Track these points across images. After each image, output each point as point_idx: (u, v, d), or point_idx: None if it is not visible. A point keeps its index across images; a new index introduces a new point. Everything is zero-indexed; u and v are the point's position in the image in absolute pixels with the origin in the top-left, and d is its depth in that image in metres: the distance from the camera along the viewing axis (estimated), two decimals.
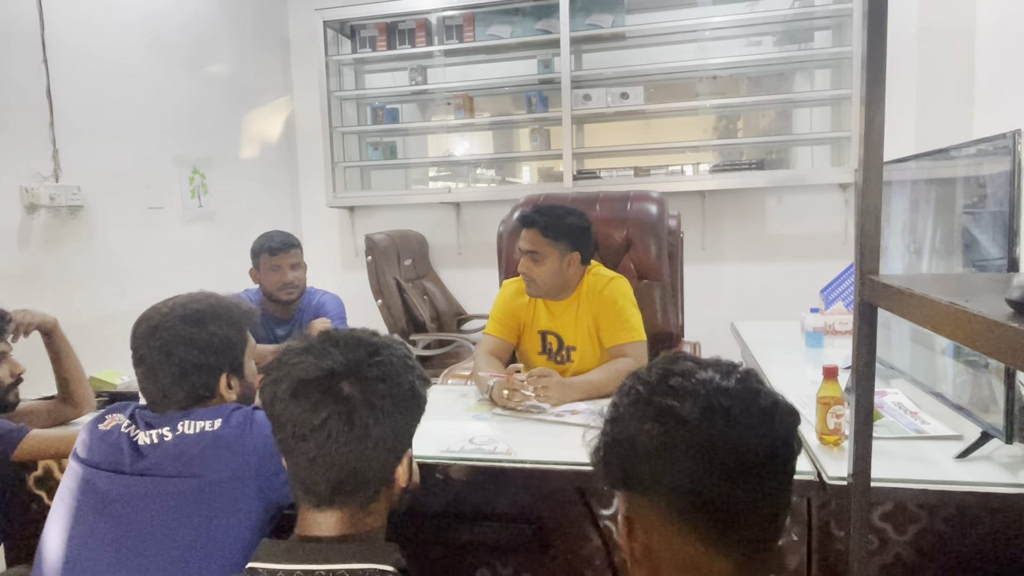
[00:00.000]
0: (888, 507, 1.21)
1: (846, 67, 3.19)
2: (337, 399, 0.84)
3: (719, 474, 0.67)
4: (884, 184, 1.08)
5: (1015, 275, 0.91)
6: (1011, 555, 1.19)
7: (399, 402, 0.89)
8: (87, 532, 1.08)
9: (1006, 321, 0.58)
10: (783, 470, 0.71)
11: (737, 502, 0.68)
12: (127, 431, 1.14)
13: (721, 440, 0.67)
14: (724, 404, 0.69)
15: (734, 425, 0.68)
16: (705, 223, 3.57)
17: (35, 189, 2.45)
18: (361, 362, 0.88)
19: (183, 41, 3.24)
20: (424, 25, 3.65)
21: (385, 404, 0.86)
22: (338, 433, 0.84)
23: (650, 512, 0.71)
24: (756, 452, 0.68)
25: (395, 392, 0.88)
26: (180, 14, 3.22)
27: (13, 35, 2.42)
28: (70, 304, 2.59)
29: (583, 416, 1.62)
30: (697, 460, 0.67)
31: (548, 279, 1.88)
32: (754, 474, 0.68)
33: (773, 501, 0.70)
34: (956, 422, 1.39)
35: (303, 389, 0.85)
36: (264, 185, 3.86)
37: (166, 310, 1.21)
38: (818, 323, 2.26)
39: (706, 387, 0.70)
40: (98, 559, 1.06)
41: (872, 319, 0.96)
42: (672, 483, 0.69)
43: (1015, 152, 1.08)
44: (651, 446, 0.69)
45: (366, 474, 0.87)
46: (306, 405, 0.84)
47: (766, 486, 0.69)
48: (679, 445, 0.68)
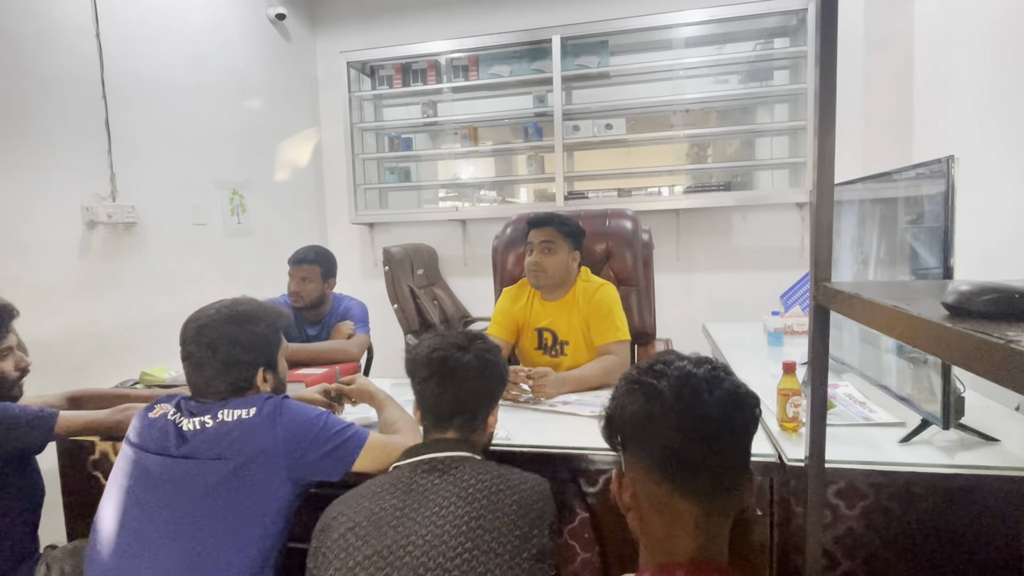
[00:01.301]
0: (840, 485, 1.21)
1: (801, 102, 3.20)
2: (470, 353, 1.16)
3: (686, 436, 0.74)
4: (835, 203, 1.08)
5: (950, 282, 0.91)
6: (948, 527, 1.18)
7: (498, 374, 1.19)
8: (137, 508, 1.08)
9: (942, 322, 0.58)
10: (739, 436, 0.78)
11: (699, 459, 0.74)
12: (173, 419, 1.14)
13: (688, 411, 0.75)
14: (693, 384, 0.77)
15: (700, 400, 0.76)
16: (679, 237, 3.57)
17: (95, 208, 2.45)
18: (482, 344, 1.19)
19: (225, 79, 3.25)
20: (435, 65, 3.67)
21: (493, 369, 1.18)
22: (468, 369, 1.14)
23: (636, 466, 0.79)
24: (716, 421, 0.75)
25: (499, 366, 1.20)
26: (222, 56, 3.24)
27: (77, 75, 2.43)
28: (125, 309, 2.59)
29: (574, 406, 1.62)
30: (669, 425, 0.75)
31: (557, 270, 1.91)
32: (713, 438, 0.75)
33: (728, 459, 0.76)
34: (899, 411, 1.39)
35: (448, 345, 1.16)
36: (295, 205, 3.86)
37: (212, 312, 1.22)
38: (778, 324, 2.27)
39: (681, 371, 0.78)
40: (147, 532, 1.06)
41: (825, 321, 0.96)
42: (651, 442, 0.77)
43: (948, 175, 1.09)
44: (636, 414, 0.78)
45: (476, 406, 1.15)
46: (449, 352, 1.15)
47: (723, 448, 0.76)
48: (656, 413, 0.76)
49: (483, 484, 1.02)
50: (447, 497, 1.00)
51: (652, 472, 0.76)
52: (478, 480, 1.03)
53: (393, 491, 1.03)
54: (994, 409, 1.44)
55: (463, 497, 1.00)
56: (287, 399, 1.18)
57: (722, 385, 0.77)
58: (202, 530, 1.05)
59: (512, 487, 1.03)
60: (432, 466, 1.07)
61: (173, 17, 2.91)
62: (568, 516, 1.38)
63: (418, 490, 1.02)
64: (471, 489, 1.01)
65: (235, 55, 3.33)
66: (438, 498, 1.00)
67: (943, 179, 1.10)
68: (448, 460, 1.08)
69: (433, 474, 1.05)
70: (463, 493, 1.00)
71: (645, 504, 0.77)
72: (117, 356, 2.49)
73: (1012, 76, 1.87)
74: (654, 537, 0.77)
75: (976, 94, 2.13)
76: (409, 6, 3.84)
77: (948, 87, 2.36)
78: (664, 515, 0.75)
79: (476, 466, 1.07)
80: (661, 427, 0.75)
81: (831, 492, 1.21)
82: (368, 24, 3.97)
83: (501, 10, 3.72)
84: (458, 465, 1.06)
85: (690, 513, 0.74)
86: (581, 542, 1.37)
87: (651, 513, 0.77)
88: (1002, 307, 0.59)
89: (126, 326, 2.59)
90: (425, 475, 1.05)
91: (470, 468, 1.05)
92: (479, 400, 1.16)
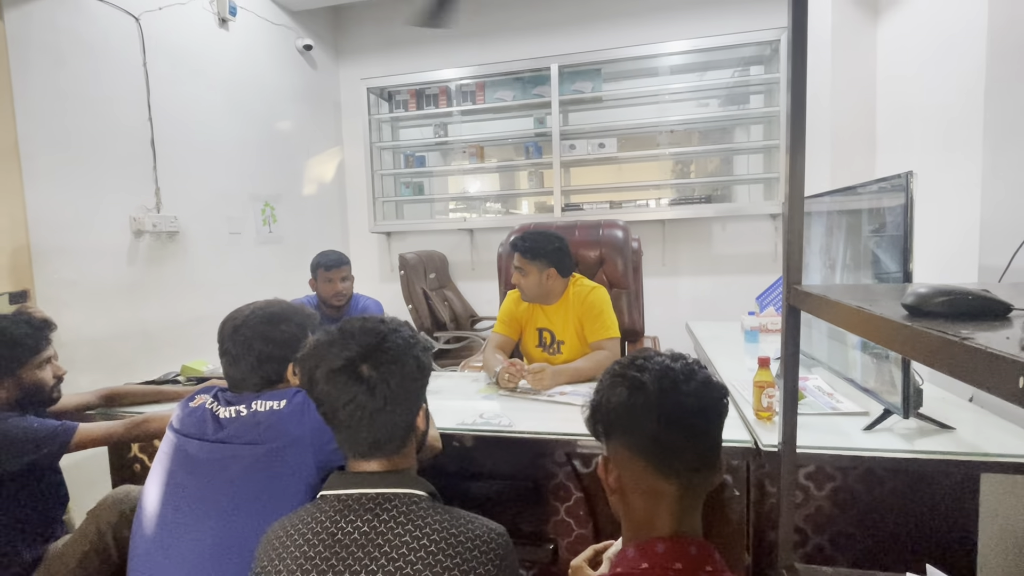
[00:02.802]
0: (810, 469, 1.20)
1: (774, 123, 3.20)
2: (359, 380, 0.85)
3: (667, 422, 0.74)
4: (805, 214, 1.08)
5: (909, 285, 0.91)
6: (907, 506, 1.18)
7: (408, 374, 0.88)
8: (178, 487, 1.08)
9: (902, 321, 0.58)
10: (711, 421, 0.77)
11: (679, 442, 0.75)
12: (211, 407, 1.14)
13: (669, 400, 0.75)
14: (672, 376, 0.77)
15: (678, 390, 0.75)
16: (665, 245, 3.56)
17: (141, 219, 2.46)
18: (374, 348, 0.87)
19: (258, 103, 3.27)
20: (445, 91, 3.67)
21: (396, 379, 0.87)
22: (364, 405, 0.85)
23: (620, 452, 0.78)
24: (692, 409, 0.75)
25: (403, 369, 0.88)
26: (256, 82, 3.25)
27: (127, 100, 2.45)
28: (168, 308, 2.60)
29: (568, 396, 1.62)
30: (652, 413, 0.75)
31: (532, 288, 1.90)
32: (688, 423, 0.75)
33: (703, 442, 0.76)
34: (864, 401, 1.39)
35: (333, 376, 0.85)
36: (320, 215, 3.87)
37: (247, 313, 1.21)
38: (754, 323, 2.26)
39: (660, 366, 0.78)
40: (187, 509, 1.06)
41: (796, 320, 0.96)
42: (635, 429, 0.76)
43: (908, 189, 1.09)
44: (621, 404, 0.77)
45: (392, 431, 0.88)
46: (338, 386, 0.85)
47: (699, 431, 0.76)
48: (640, 403, 0.76)
49: (427, 539, 0.79)
50: (376, 559, 0.77)
51: (636, 456, 0.76)
52: (422, 533, 0.79)
53: (316, 542, 0.81)
54: (950, 400, 1.44)
55: (398, 562, 0.77)
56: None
57: (696, 377, 0.78)
58: (236, 506, 1.04)
59: (462, 544, 0.79)
60: (362, 505, 0.83)
61: (212, 48, 2.92)
62: (564, 495, 1.37)
63: (345, 542, 0.80)
64: (405, 550, 0.78)
65: (267, 81, 3.35)
66: (369, 561, 0.77)
67: (903, 192, 1.10)
68: (379, 499, 0.83)
69: (363, 517, 0.81)
70: (396, 555, 0.77)
71: (629, 486, 0.77)
72: (160, 351, 2.50)
73: (964, 99, 1.87)
74: (635, 518, 0.77)
75: (933, 116, 2.12)
76: (423, 38, 3.85)
77: (907, 109, 2.36)
78: (646, 496, 0.76)
79: (416, 514, 0.82)
80: (645, 415, 0.75)
81: (802, 475, 1.21)
82: (386, 54, 3.99)
83: (505, 41, 3.74)
84: (391, 508, 0.82)
85: (670, 492, 0.74)
86: (576, 519, 1.37)
87: (634, 494, 0.77)
88: (956, 308, 0.59)
89: (169, 324, 2.60)
90: (351, 521, 0.81)
91: (409, 516, 0.81)
92: (401, 424, 0.89)
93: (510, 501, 1.41)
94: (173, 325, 2.61)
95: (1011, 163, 1.43)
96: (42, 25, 2.12)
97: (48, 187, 2.11)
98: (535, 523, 1.40)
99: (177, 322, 2.62)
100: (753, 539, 1.23)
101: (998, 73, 1.51)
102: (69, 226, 2.19)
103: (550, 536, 1.39)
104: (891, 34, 2.52)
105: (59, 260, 2.14)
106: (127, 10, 2.44)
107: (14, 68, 2.01)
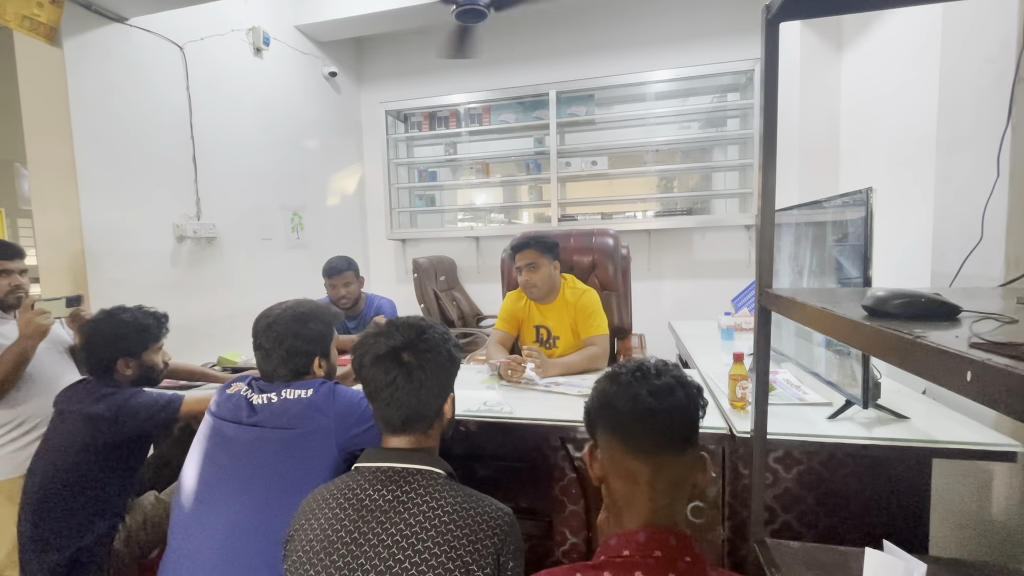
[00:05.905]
0: (779, 453, 1.20)
1: (749, 144, 3.20)
2: (400, 365, 0.90)
3: (635, 404, 0.76)
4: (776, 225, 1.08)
5: (868, 289, 0.90)
6: (866, 488, 1.17)
7: (441, 364, 0.93)
8: (214, 465, 1.08)
9: (862, 321, 0.58)
10: (681, 410, 0.77)
11: (650, 429, 0.75)
12: (245, 394, 1.14)
13: (639, 387, 0.77)
14: (644, 368, 0.79)
15: (647, 378, 0.78)
16: (650, 252, 3.56)
17: (183, 225, 2.47)
18: (415, 339, 0.92)
19: (288, 124, 3.27)
20: (455, 113, 3.68)
21: (431, 366, 0.91)
22: (402, 386, 0.90)
23: (602, 438, 0.79)
24: (660, 395, 0.76)
25: (438, 358, 0.93)
26: (286, 105, 3.26)
27: (172, 121, 2.45)
28: (207, 306, 2.60)
29: (564, 387, 1.61)
30: (628, 405, 0.76)
31: (545, 282, 1.90)
32: (663, 415, 0.75)
33: (674, 429, 0.76)
34: (828, 393, 1.38)
35: (379, 360, 0.91)
36: (342, 224, 3.87)
37: (279, 311, 1.21)
38: (730, 322, 2.26)
39: (641, 369, 0.80)
40: (222, 486, 1.06)
41: (767, 320, 0.96)
42: (610, 413, 0.78)
43: (868, 203, 1.09)
44: (602, 392, 0.80)
45: (423, 411, 0.92)
46: (382, 369, 0.90)
47: (665, 415, 0.76)
48: (615, 390, 0.78)
49: (442, 511, 0.81)
50: (396, 524, 0.80)
51: (612, 438, 0.77)
52: (437, 505, 0.81)
53: (346, 505, 0.83)
54: (905, 392, 1.43)
55: (415, 527, 0.79)
56: (338, 384, 1.18)
57: (669, 372, 0.79)
58: (267, 484, 1.05)
59: (472, 518, 0.81)
60: (388, 477, 0.86)
61: (248, 74, 2.93)
62: (559, 475, 1.37)
63: (371, 507, 0.82)
64: (422, 518, 0.80)
65: (296, 104, 3.36)
66: (389, 525, 0.80)
67: (863, 206, 1.10)
68: (404, 473, 0.86)
69: (389, 487, 0.84)
70: (413, 521, 0.80)
71: (609, 469, 0.77)
72: (200, 343, 2.50)
73: (919, 122, 1.87)
74: (619, 505, 0.76)
75: (890, 137, 2.12)
76: (435, 66, 3.86)
77: (868, 131, 2.36)
78: (623, 478, 0.75)
79: (434, 489, 0.84)
80: (619, 399, 0.77)
81: (772, 458, 1.20)
82: (402, 80, 4.00)
83: (508, 69, 3.74)
84: (413, 481, 0.85)
85: (644, 473, 0.74)
86: (569, 496, 1.37)
87: (614, 478, 0.76)
88: (910, 309, 0.59)
89: (207, 319, 2.61)
90: (378, 490, 0.84)
91: (428, 490, 0.83)
92: (431, 405, 0.92)
93: (510, 480, 1.41)
94: (211, 320, 2.61)
95: (960, 180, 1.43)
96: (96, 53, 2.12)
97: (101, 198, 2.12)
98: (532, 500, 1.40)
99: (214, 317, 2.63)
100: (728, 515, 1.23)
101: (949, 100, 1.51)
102: (119, 233, 2.19)
103: (545, 511, 1.39)
104: (853, 64, 2.53)
105: (110, 263, 2.15)
106: (173, 40, 2.45)
107: (72, 91, 2.02)
